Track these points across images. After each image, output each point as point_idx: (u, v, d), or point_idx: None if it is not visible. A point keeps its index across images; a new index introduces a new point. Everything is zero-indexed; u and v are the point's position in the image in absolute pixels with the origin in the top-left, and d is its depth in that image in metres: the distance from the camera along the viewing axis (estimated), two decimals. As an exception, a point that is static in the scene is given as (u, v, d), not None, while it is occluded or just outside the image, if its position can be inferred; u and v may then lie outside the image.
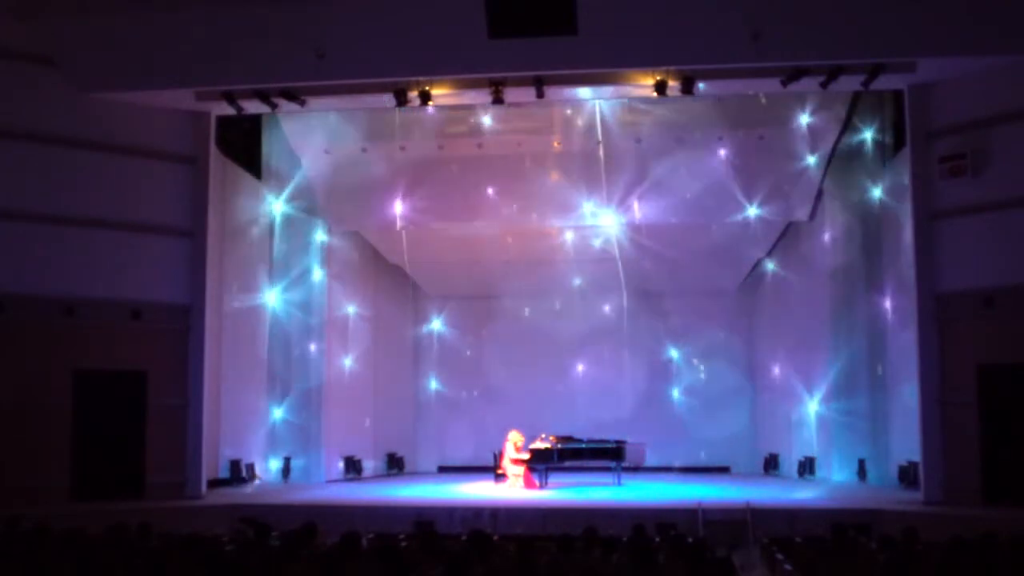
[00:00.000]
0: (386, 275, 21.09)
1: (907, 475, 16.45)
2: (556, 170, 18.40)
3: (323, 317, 19.25)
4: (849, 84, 15.35)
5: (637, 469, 18.14)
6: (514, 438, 17.74)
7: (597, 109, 17.64)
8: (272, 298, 19.26)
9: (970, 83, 14.93)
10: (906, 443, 16.45)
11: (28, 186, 15.24)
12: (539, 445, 17.40)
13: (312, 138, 18.51)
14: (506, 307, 21.22)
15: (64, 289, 15.44)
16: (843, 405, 18.00)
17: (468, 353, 21.39)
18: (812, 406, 18.77)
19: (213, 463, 17.48)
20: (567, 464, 17.47)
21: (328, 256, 19.52)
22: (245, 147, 19.15)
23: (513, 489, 17.16)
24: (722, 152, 17.78)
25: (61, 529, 9.77)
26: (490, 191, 18.51)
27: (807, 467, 18.61)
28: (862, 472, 17.67)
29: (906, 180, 15.73)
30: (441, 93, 15.63)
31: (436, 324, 21.77)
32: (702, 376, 20.71)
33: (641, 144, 17.75)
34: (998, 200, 14.53)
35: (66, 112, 15.47)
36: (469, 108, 17.39)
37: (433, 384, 21.56)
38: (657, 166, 17.79)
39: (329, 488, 17.84)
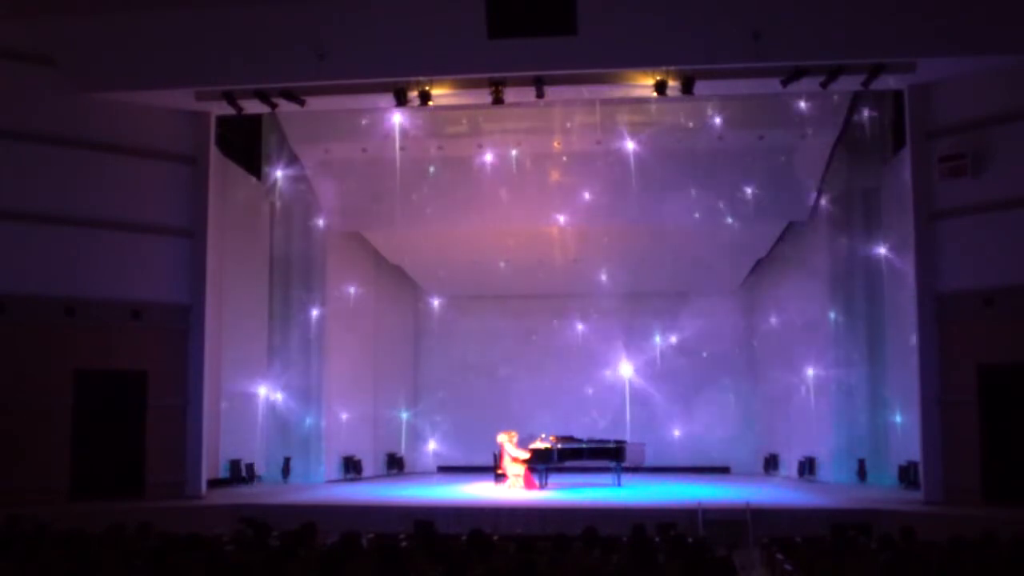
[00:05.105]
0: (386, 275, 21.12)
1: (907, 475, 16.46)
2: (556, 170, 18.40)
3: (323, 317, 19.27)
4: (849, 84, 15.34)
5: (637, 469, 18.14)
6: (505, 437, 17.68)
7: (597, 109, 17.62)
8: (272, 298, 19.27)
9: (970, 83, 14.94)
10: (906, 443, 16.45)
11: (28, 186, 15.24)
12: (539, 445, 17.40)
13: (312, 138, 18.50)
14: (506, 307, 21.25)
15: (64, 289, 15.44)
16: (843, 405, 17.99)
17: (468, 353, 21.38)
18: (813, 406, 18.76)
19: (213, 463, 17.48)
20: (567, 464, 17.47)
21: (328, 257, 19.52)
22: (245, 147, 19.16)
23: (513, 489, 17.16)
24: (722, 152, 17.75)
25: (61, 529, 9.78)
26: (490, 191, 18.48)
27: (807, 467, 18.62)
28: (862, 472, 17.67)
29: (906, 180, 15.73)
30: (441, 93, 15.62)
31: (436, 324, 21.77)
32: (702, 376, 20.71)
33: (641, 144, 17.74)
34: (998, 200, 14.53)
35: (66, 112, 15.48)
36: (469, 108, 17.38)
37: (433, 384, 21.56)
38: (657, 166, 17.78)
39: (329, 488, 17.85)
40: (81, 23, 14.77)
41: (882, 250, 17.82)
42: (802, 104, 17.12)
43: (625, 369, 20.78)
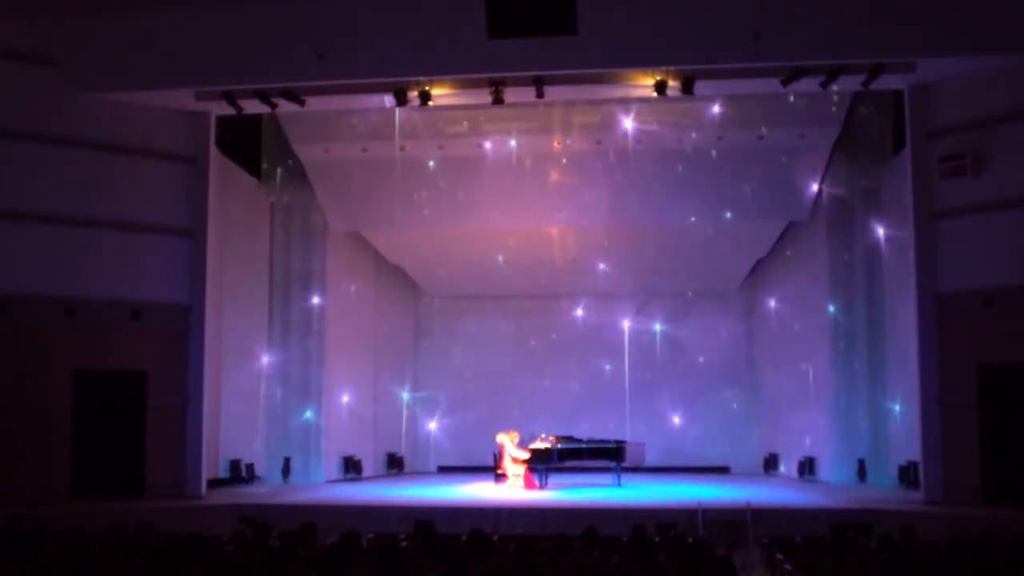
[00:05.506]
0: (386, 275, 21.13)
1: (907, 475, 16.46)
2: (556, 170, 18.39)
3: (323, 317, 19.26)
4: (849, 84, 15.35)
5: (637, 469, 18.14)
6: (507, 438, 17.66)
7: (597, 109, 17.60)
8: (272, 298, 19.28)
9: (970, 83, 14.93)
10: (906, 443, 16.45)
11: (28, 186, 15.24)
12: (539, 445, 17.40)
13: (312, 138, 18.49)
14: (506, 307, 21.26)
15: (64, 289, 15.44)
16: (843, 405, 17.99)
17: (468, 353, 21.38)
18: (813, 406, 18.76)
19: (213, 463, 17.48)
20: (567, 464, 17.46)
21: (328, 256, 19.53)
22: (245, 147, 19.15)
23: (513, 489, 17.15)
24: (722, 152, 17.74)
25: (61, 529, 9.78)
26: (490, 191, 18.47)
27: (807, 467, 18.62)
28: (862, 472, 17.66)
29: (906, 180, 15.72)
30: (441, 93, 15.62)
31: (436, 324, 21.77)
32: (702, 376, 20.72)
33: (642, 144, 17.74)
34: (998, 200, 14.53)
35: (66, 112, 15.47)
36: (469, 108, 17.36)
37: (433, 384, 21.56)
38: (657, 166, 17.77)
39: (329, 488, 17.84)
40: (81, 23, 14.77)
41: (882, 250, 17.81)
42: (802, 104, 17.10)
43: (624, 369, 20.77)
